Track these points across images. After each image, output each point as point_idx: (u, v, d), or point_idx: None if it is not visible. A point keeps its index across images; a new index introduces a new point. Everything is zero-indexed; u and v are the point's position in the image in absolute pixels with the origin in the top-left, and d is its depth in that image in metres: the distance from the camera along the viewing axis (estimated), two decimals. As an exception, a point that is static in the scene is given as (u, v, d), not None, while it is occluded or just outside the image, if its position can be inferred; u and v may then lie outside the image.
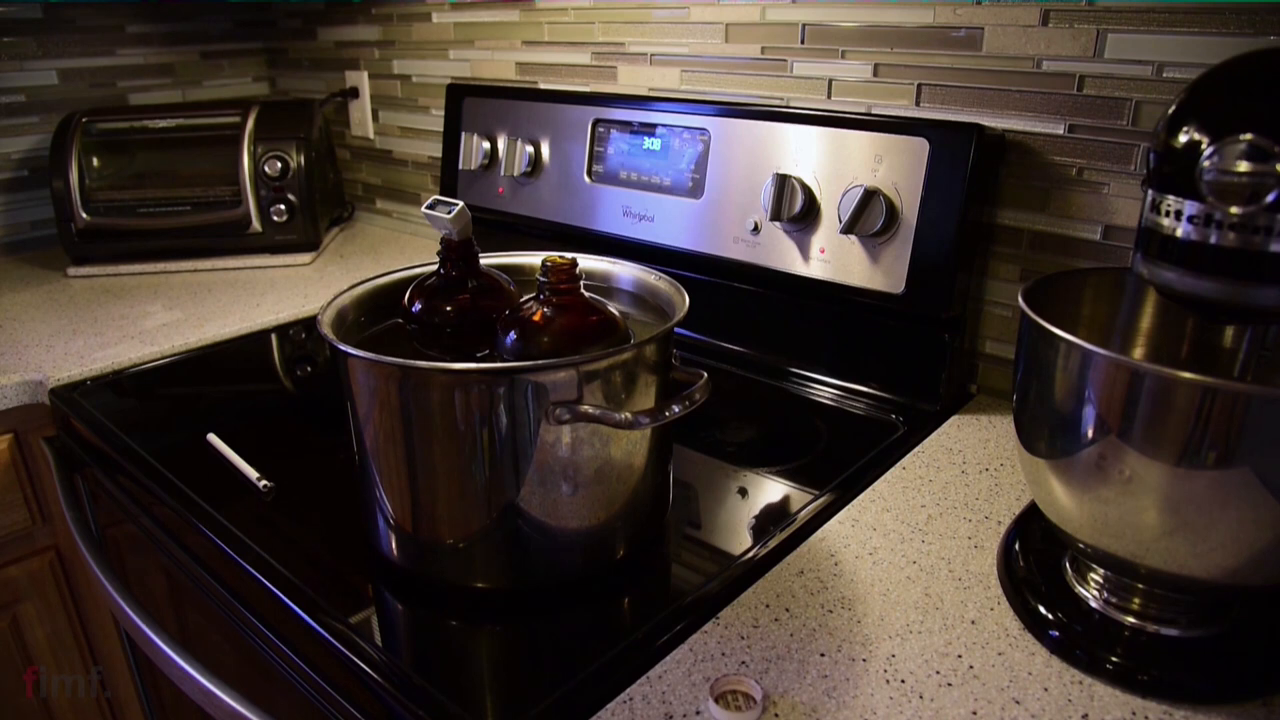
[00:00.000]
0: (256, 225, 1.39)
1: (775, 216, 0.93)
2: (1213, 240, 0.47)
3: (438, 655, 0.58)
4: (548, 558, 0.62)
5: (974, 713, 0.51)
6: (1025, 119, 0.84)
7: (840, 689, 0.53)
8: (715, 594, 0.62)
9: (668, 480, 0.69)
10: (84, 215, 1.34)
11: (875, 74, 0.93)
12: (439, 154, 1.49)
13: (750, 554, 0.66)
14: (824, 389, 0.95)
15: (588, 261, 0.75)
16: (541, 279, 0.63)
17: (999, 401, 0.92)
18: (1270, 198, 0.44)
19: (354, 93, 1.60)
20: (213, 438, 0.84)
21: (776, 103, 1.02)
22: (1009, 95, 0.84)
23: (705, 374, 0.61)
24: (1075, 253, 0.84)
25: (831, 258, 0.91)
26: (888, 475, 0.78)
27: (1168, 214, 0.49)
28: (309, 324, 1.18)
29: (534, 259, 0.77)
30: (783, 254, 0.95)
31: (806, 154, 0.92)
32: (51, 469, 0.97)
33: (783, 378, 0.99)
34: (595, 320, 0.63)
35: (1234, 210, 0.46)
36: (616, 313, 0.65)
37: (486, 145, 1.24)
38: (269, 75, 1.81)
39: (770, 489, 0.76)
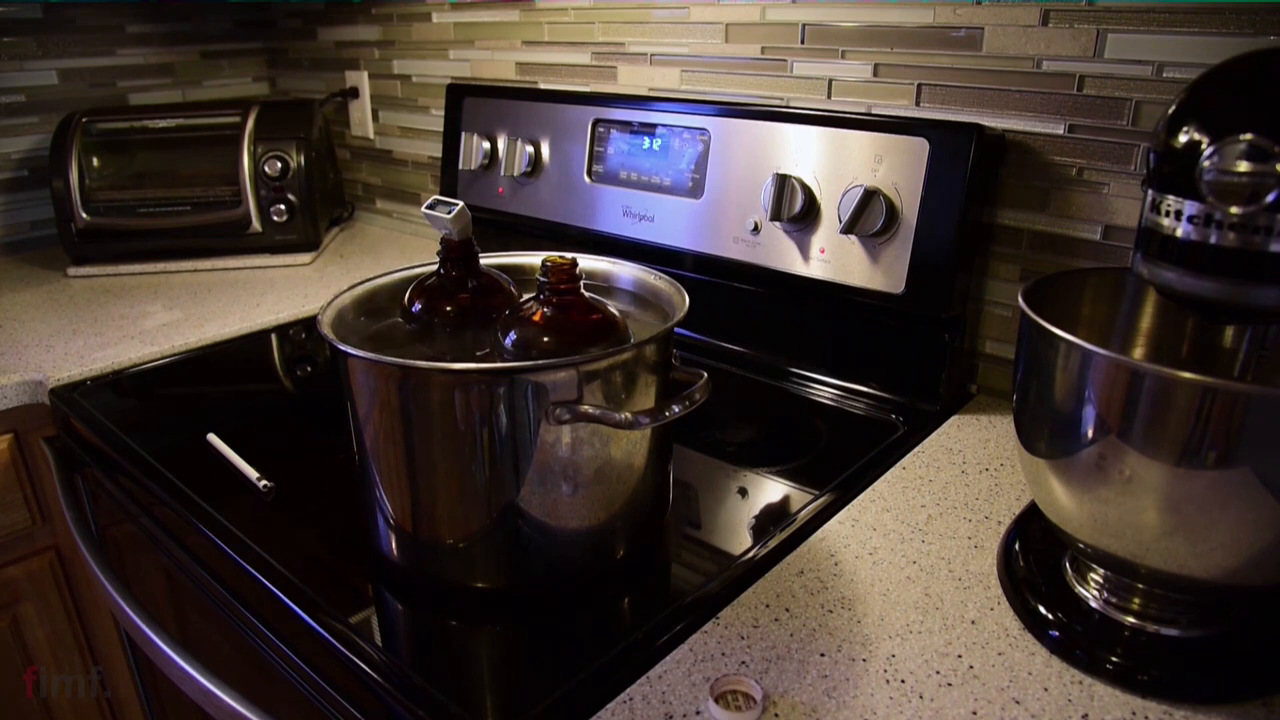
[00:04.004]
0: (256, 225, 1.39)
1: (775, 216, 0.93)
2: (1213, 240, 0.47)
3: (438, 655, 0.58)
4: (548, 558, 0.62)
5: (974, 713, 0.51)
6: (1025, 119, 0.84)
7: (840, 689, 0.53)
8: (715, 594, 0.62)
9: (668, 480, 0.69)
10: (84, 215, 1.34)
11: (875, 74, 0.93)
12: (439, 154, 1.49)
13: (750, 554, 0.66)
14: (824, 389, 0.95)
15: (588, 261, 0.75)
16: (541, 279, 0.63)
17: (999, 401, 0.92)
18: (1270, 198, 0.44)
19: (354, 93, 1.60)
20: (213, 438, 0.84)
21: (776, 103, 1.02)
22: (1009, 95, 0.84)
23: (705, 374, 0.61)
24: (1075, 253, 0.84)
25: (831, 258, 0.91)
26: (888, 475, 0.78)
27: (1168, 214, 0.49)
28: (309, 324, 1.18)
29: (534, 259, 0.77)
30: (783, 254, 0.95)
31: (806, 154, 0.92)
32: (51, 469, 0.97)
33: (783, 378, 0.99)
34: (595, 320, 0.63)
35: (1234, 210, 0.46)
36: (616, 313, 0.65)
37: (486, 145, 1.24)
38: (269, 75, 1.81)
39: (770, 489, 0.76)
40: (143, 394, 0.99)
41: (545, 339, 0.62)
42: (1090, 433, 0.51)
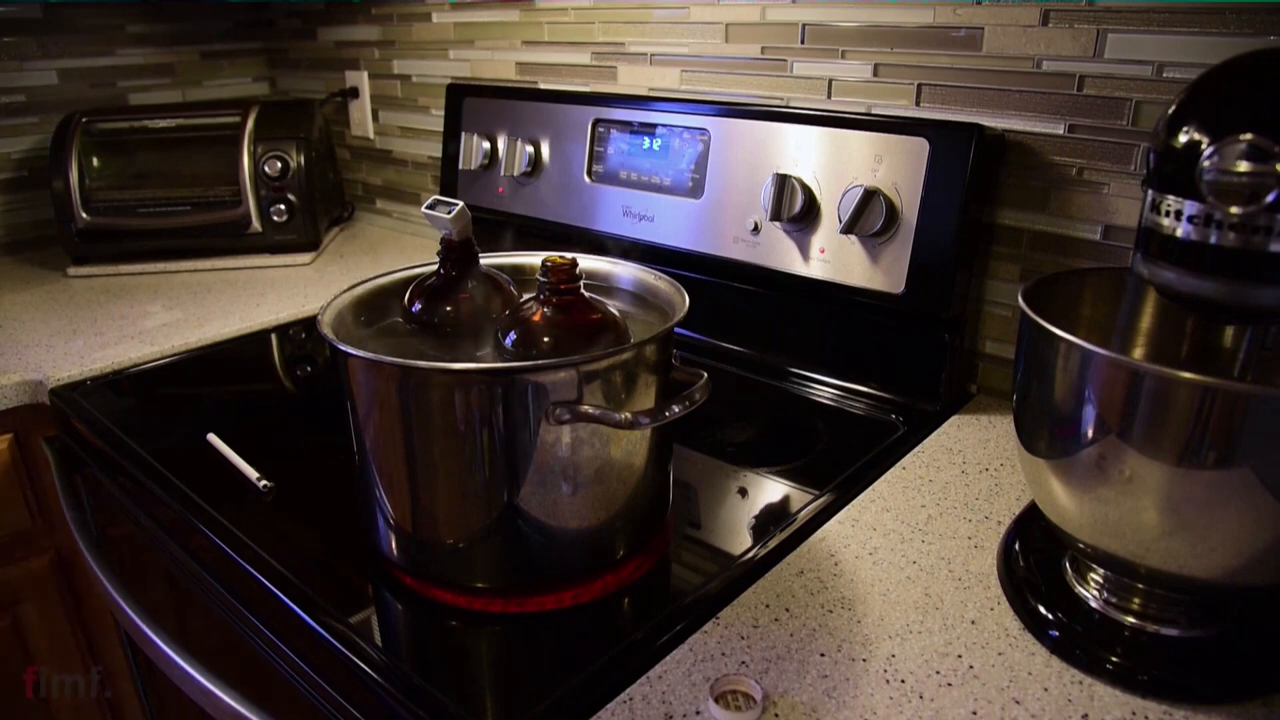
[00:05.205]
0: (256, 225, 1.39)
1: (775, 216, 0.93)
2: (1213, 240, 0.47)
3: (438, 655, 0.58)
4: (548, 558, 0.62)
5: (974, 713, 0.51)
6: (1025, 119, 0.84)
7: (840, 689, 0.53)
8: (715, 594, 0.62)
9: (668, 480, 0.69)
10: (84, 215, 1.34)
11: (875, 74, 0.93)
12: (439, 154, 1.49)
13: (750, 554, 0.66)
14: (824, 389, 0.95)
15: (588, 261, 0.74)
16: (541, 279, 0.63)
17: (999, 401, 0.92)
18: (1270, 198, 0.44)
19: (354, 93, 1.60)
20: (213, 438, 0.84)
21: (776, 103, 1.02)
22: (1009, 95, 0.84)
23: (705, 374, 0.61)
24: (1075, 253, 0.84)
25: (831, 258, 0.91)
26: (888, 475, 0.78)
27: (1168, 214, 0.49)
28: (309, 324, 1.18)
29: (534, 259, 0.77)
30: (783, 254, 0.95)
31: (806, 154, 0.92)
32: (51, 469, 0.97)
33: (783, 378, 0.99)
34: (595, 320, 0.63)
35: (1234, 210, 0.46)
36: (616, 313, 0.65)
37: (486, 145, 1.24)
38: (269, 75, 1.81)
39: (770, 489, 0.76)
40: (143, 394, 0.99)
41: (545, 339, 0.62)
42: (1090, 433, 0.51)
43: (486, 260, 0.73)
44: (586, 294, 0.64)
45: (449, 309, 0.68)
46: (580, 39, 1.21)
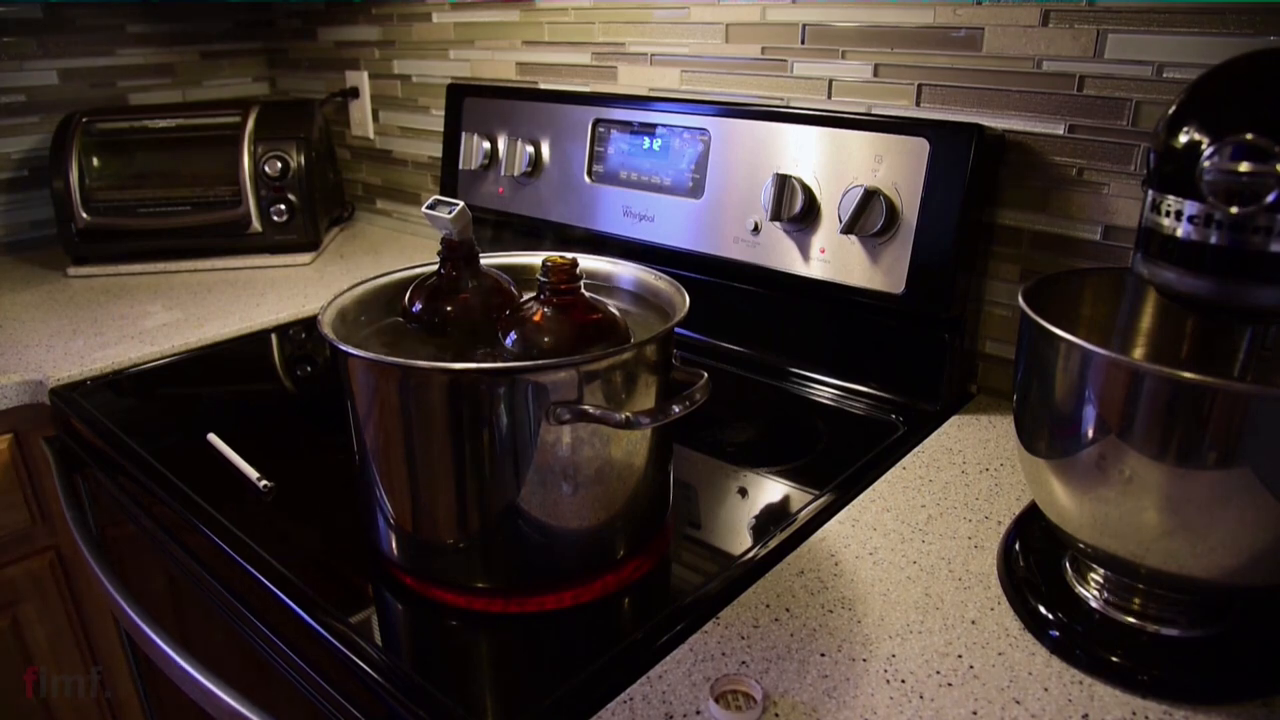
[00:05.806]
0: (256, 225, 1.39)
1: (775, 216, 0.93)
2: (1212, 240, 0.47)
3: (438, 655, 0.58)
4: (548, 558, 0.62)
5: (974, 713, 0.51)
6: (1025, 119, 0.84)
7: (840, 689, 0.53)
8: (715, 594, 0.62)
9: (668, 480, 0.69)
10: (84, 215, 1.34)
11: (875, 74, 0.93)
12: (439, 154, 1.49)
13: (750, 554, 0.66)
14: (824, 389, 0.95)
15: (588, 261, 0.74)
16: (542, 279, 0.63)
17: (999, 401, 0.92)
18: (1270, 198, 0.44)
19: (354, 93, 1.60)
20: (213, 438, 0.84)
21: (776, 103, 1.02)
22: (1009, 95, 0.84)
23: (705, 374, 0.61)
24: (1075, 253, 0.84)
25: (831, 258, 0.91)
26: (888, 475, 0.78)
27: (1168, 214, 0.49)
28: (309, 324, 1.18)
29: (534, 259, 0.77)
30: (783, 254, 0.95)
31: (806, 154, 0.92)
32: (51, 469, 0.97)
33: (783, 378, 0.99)
34: (595, 320, 0.63)
35: (1234, 210, 0.46)
36: (617, 313, 0.65)
37: (486, 145, 1.24)
38: (269, 75, 1.81)
39: (770, 489, 0.76)
40: (143, 394, 0.99)
41: (545, 339, 0.62)
42: (1090, 433, 0.51)
43: (486, 260, 0.73)
44: (586, 294, 0.64)
45: (449, 309, 0.68)
46: (580, 39, 1.21)
